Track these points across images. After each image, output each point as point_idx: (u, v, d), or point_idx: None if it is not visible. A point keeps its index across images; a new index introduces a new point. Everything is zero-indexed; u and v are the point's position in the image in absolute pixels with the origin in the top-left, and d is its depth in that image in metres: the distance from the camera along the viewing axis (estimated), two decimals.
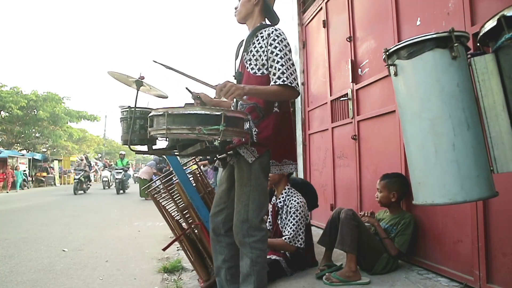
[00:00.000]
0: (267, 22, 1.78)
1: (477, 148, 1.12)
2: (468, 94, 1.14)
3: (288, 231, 2.34)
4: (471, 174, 1.10)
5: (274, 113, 1.64)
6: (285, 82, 1.54)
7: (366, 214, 2.36)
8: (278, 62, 1.57)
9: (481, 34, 1.18)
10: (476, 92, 1.17)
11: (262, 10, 1.74)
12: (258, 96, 1.61)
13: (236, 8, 1.76)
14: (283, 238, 2.35)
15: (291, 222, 2.36)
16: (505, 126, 1.11)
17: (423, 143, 1.17)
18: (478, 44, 1.25)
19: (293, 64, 1.61)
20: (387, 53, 1.24)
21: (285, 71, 1.55)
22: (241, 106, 1.70)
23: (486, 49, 1.22)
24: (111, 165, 16.98)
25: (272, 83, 1.57)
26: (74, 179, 12.95)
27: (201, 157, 2.80)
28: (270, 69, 1.60)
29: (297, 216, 2.36)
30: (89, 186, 13.87)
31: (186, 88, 1.71)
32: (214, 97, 1.64)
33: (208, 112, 1.27)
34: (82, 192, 12.87)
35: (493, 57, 1.14)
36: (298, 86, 1.60)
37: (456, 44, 1.12)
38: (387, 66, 1.26)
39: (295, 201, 2.42)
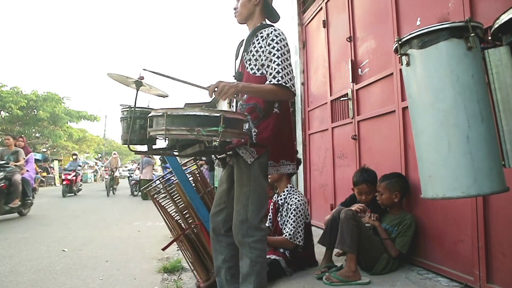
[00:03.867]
0: (267, 21, 1.78)
1: (490, 141, 1.10)
2: (482, 86, 1.12)
3: (289, 228, 2.35)
4: (485, 167, 1.08)
5: (274, 114, 1.64)
6: (280, 82, 1.53)
7: (372, 218, 2.32)
8: (274, 62, 1.56)
9: (495, 27, 1.15)
10: (489, 84, 1.15)
11: (262, 9, 1.74)
12: (252, 94, 1.60)
13: (235, 9, 1.75)
14: (284, 235, 2.35)
15: (291, 219, 2.37)
16: None
17: (435, 134, 1.14)
18: (489, 38, 1.22)
19: (290, 65, 1.60)
20: (400, 42, 1.21)
21: (280, 70, 1.54)
22: (241, 107, 1.70)
23: (496, 43, 1.20)
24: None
25: (267, 82, 1.57)
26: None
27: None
28: (267, 68, 1.60)
29: (297, 213, 2.37)
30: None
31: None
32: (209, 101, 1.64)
33: (207, 114, 1.27)
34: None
35: (507, 49, 1.12)
36: (294, 87, 1.58)
37: (472, 35, 1.10)
38: (399, 56, 1.23)
39: (296, 198, 2.43)
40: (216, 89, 1.41)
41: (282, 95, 1.58)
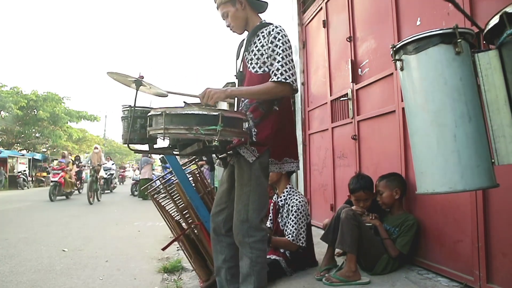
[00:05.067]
0: (260, 16, 1.77)
1: (478, 140, 1.16)
2: (470, 88, 1.18)
3: (291, 230, 2.35)
4: (472, 164, 1.14)
5: (274, 112, 1.63)
6: (279, 79, 1.54)
7: (371, 217, 2.32)
8: (278, 60, 1.57)
9: (485, 31, 1.21)
10: (479, 86, 1.20)
11: (252, 9, 1.73)
12: (244, 96, 1.65)
13: (229, 26, 1.74)
14: (287, 237, 2.35)
15: (293, 221, 2.36)
16: (507, 119, 1.14)
17: (426, 134, 1.21)
18: (483, 42, 1.28)
19: (292, 60, 1.60)
20: (394, 48, 1.28)
21: (280, 67, 1.56)
22: (244, 106, 1.70)
23: (491, 47, 1.25)
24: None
25: (269, 80, 1.58)
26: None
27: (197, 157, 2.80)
28: (270, 66, 1.61)
29: (298, 215, 2.37)
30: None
31: (184, 102, 1.74)
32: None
33: (206, 113, 1.27)
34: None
35: (496, 53, 1.17)
36: (295, 82, 1.58)
37: (459, 40, 1.16)
38: (394, 61, 1.30)
39: (296, 199, 2.42)
40: (204, 96, 1.52)
41: (279, 92, 1.58)
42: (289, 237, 2.34)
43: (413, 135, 1.28)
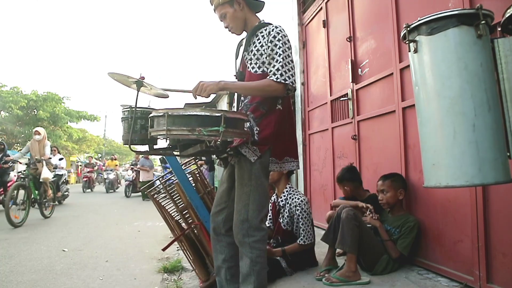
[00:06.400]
0: (262, 18, 1.77)
1: (496, 131, 1.08)
2: (490, 75, 1.10)
3: (302, 234, 2.38)
4: (490, 156, 1.06)
5: (277, 110, 1.64)
6: (279, 80, 1.54)
7: (372, 217, 2.31)
8: (277, 60, 1.57)
9: (506, 16, 1.14)
10: (497, 74, 1.14)
11: (249, 9, 1.73)
12: (237, 91, 1.67)
13: (227, 27, 1.74)
14: (298, 241, 2.38)
15: (301, 223, 2.39)
16: None
17: (441, 122, 1.12)
18: (499, 29, 1.21)
19: (291, 61, 1.61)
20: (408, 28, 1.20)
21: (280, 68, 1.56)
22: (244, 106, 1.70)
23: (506, 35, 1.20)
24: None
25: (268, 78, 1.58)
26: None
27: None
28: (268, 65, 1.61)
29: (303, 215, 2.39)
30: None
31: (185, 103, 1.75)
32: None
33: (208, 114, 1.27)
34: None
35: None
36: (295, 83, 1.58)
37: (483, 22, 1.08)
38: (407, 43, 1.22)
39: (298, 199, 2.43)
40: (197, 89, 1.52)
41: (274, 91, 1.57)
42: (300, 241, 2.37)
43: (425, 124, 1.18)
